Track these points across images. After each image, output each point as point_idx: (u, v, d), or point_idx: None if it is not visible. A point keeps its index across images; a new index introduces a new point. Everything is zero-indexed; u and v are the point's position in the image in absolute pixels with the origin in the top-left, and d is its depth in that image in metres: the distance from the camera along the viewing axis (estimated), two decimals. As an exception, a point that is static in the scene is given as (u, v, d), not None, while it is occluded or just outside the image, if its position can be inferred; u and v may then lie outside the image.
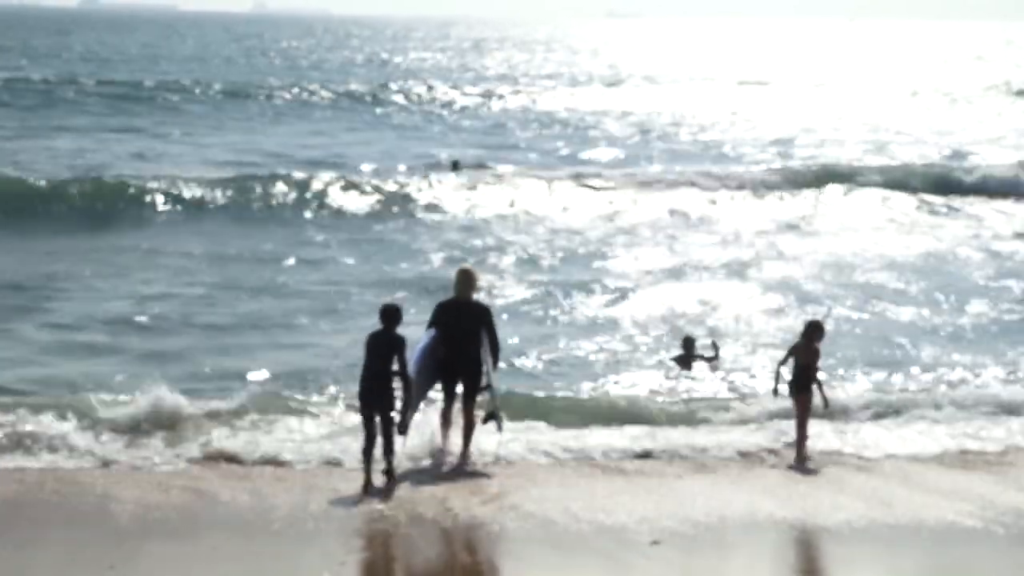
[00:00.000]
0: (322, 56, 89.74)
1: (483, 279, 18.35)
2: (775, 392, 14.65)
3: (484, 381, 13.87)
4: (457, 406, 14.11)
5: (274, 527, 11.91)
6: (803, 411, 14.53)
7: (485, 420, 13.99)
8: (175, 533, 11.72)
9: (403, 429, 13.24)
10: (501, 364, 14.74)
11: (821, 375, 14.89)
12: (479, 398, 14.07)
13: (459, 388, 14.05)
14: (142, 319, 20.01)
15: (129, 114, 53.56)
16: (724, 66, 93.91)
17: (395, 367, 12.95)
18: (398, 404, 13.18)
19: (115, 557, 11.06)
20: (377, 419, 13.05)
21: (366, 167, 38.00)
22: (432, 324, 13.91)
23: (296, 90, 64.08)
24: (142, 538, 11.58)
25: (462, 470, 13.74)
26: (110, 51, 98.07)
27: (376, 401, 12.98)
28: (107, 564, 10.90)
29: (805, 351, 14.56)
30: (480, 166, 37.88)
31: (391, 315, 13.12)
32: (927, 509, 12.80)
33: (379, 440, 13.06)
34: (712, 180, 36.65)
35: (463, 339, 13.76)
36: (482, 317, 13.97)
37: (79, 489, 12.82)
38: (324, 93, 63.90)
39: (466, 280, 14.08)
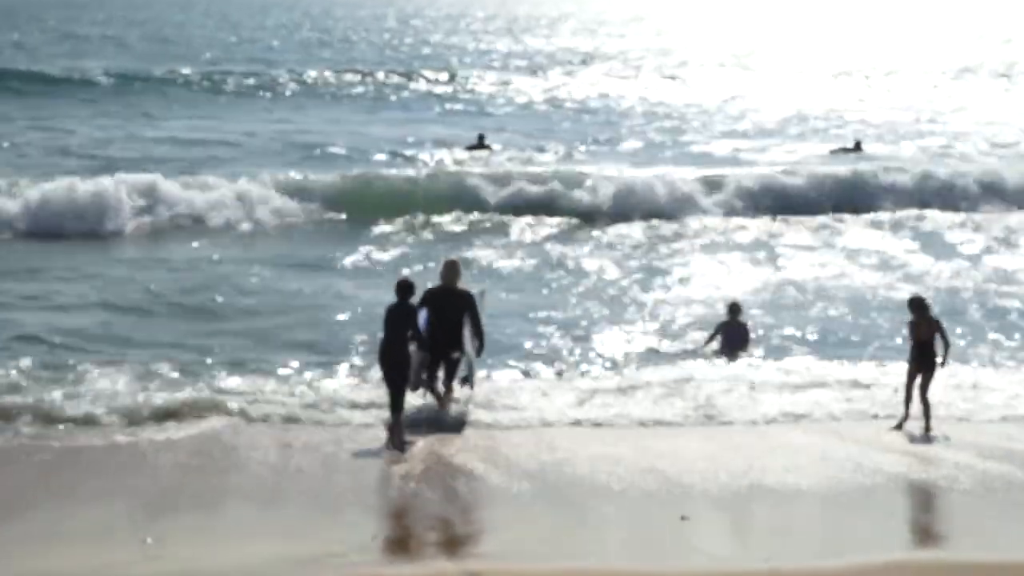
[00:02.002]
0: (360, 36, 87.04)
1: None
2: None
3: (465, 349, 15.02)
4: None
5: (301, 498, 12.11)
6: (925, 383, 14.85)
7: (462, 382, 15.18)
8: (208, 503, 11.92)
9: (415, 386, 14.64)
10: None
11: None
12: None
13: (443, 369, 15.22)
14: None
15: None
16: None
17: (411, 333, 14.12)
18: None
19: (148, 530, 11.18)
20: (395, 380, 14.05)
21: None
22: (422, 305, 14.75)
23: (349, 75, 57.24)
24: (173, 509, 11.74)
25: (464, 427, 14.54)
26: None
27: (394, 365, 14.01)
28: (140, 537, 11.01)
29: (927, 326, 14.90)
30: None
31: (406, 288, 14.31)
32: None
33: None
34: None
35: (450, 324, 14.93)
36: (467, 304, 15.18)
37: (108, 461, 13.06)
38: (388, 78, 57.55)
39: (452, 270, 15.37)
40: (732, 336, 17.76)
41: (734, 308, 18.09)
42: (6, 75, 48.59)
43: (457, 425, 14.56)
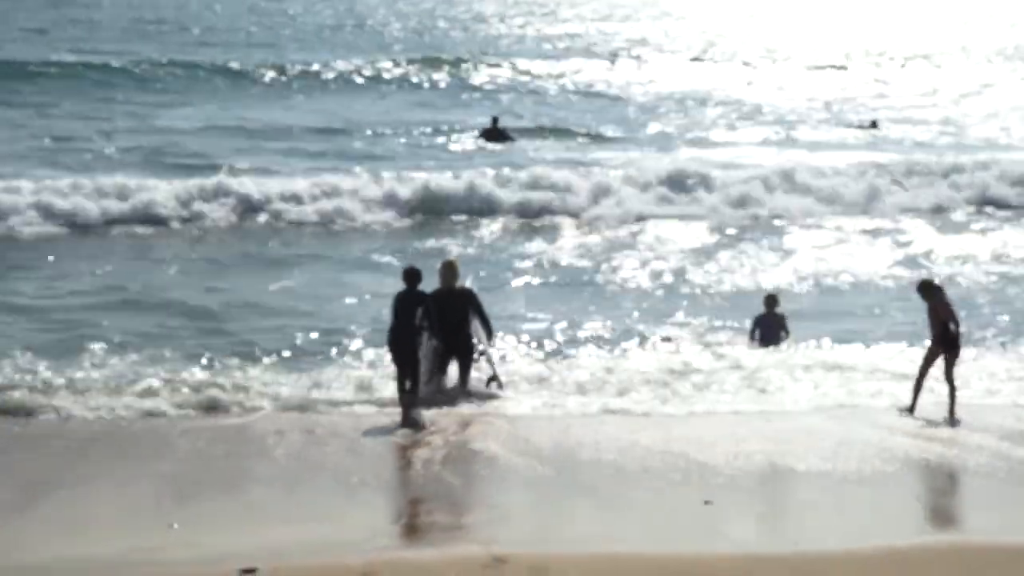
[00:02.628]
0: (379, 21, 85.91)
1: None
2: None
3: (481, 349, 15.30)
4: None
5: (325, 483, 12.19)
6: (949, 365, 14.80)
7: (487, 383, 15.24)
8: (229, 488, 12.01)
9: (428, 377, 14.77)
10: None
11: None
12: (479, 363, 15.41)
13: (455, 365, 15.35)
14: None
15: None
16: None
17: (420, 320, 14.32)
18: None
19: (174, 515, 11.23)
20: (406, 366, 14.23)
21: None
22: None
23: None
24: (199, 495, 11.82)
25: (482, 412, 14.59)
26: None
27: (404, 351, 14.21)
28: (166, 522, 11.08)
29: (942, 309, 14.85)
30: None
31: (414, 275, 14.56)
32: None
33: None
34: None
35: (455, 324, 15.08)
36: (468, 300, 15.43)
37: (133, 448, 13.16)
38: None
39: (450, 271, 15.55)
40: (769, 328, 17.69)
41: (771, 300, 18.03)
42: (15, 64, 48.59)
43: (477, 412, 14.58)
